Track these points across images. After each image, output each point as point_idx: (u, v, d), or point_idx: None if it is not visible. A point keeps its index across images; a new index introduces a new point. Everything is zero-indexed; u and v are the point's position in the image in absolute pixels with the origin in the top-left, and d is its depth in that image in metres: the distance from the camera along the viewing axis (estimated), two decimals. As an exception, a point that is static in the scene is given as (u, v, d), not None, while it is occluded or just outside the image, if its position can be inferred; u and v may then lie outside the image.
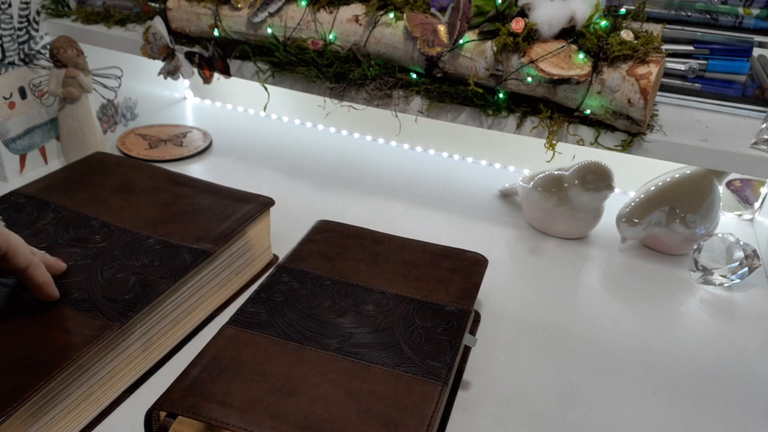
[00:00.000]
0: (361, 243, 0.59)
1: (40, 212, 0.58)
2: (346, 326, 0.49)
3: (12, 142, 0.75)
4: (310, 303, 0.51)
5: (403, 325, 0.49)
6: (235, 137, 0.92)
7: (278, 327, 0.49)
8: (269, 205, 0.63)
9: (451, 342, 0.48)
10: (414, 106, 0.65)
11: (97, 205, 0.60)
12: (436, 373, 0.45)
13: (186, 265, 0.53)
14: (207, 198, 0.62)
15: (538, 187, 0.72)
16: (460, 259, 0.58)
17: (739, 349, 0.59)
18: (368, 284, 0.54)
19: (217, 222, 0.59)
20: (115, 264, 0.53)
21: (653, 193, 0.70)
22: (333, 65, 0.66)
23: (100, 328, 0.46)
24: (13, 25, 0.74)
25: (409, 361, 0.46)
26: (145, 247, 0.55)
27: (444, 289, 0.54)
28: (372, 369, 0.45)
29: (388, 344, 0.48)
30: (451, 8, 0.60)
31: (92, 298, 0.49)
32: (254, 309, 0.51)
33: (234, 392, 0.43)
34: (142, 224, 0.58)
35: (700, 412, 0.52)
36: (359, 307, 0.51)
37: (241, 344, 0.47)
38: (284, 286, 0.53)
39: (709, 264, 0.65)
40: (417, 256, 0.58)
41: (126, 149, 0.85)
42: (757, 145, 0.58)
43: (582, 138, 0.61)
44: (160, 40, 0.73)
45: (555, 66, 0.57)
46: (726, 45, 0.63)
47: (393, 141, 0.94)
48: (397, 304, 0.52)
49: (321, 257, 0.57)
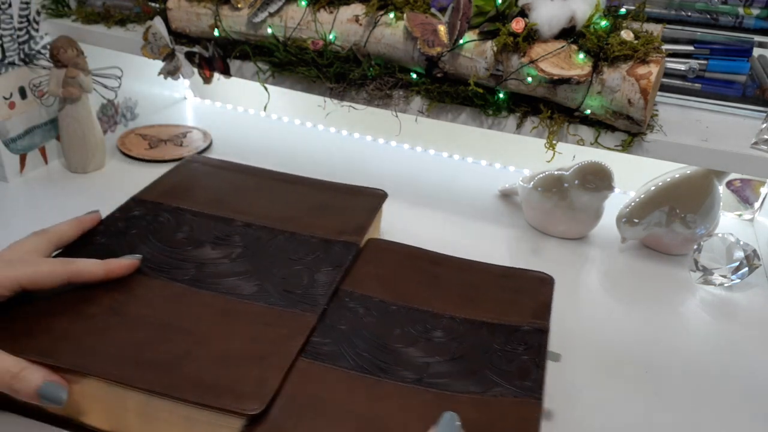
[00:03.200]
0: (418, 265, 0.57)
1: (177, 217, 0.58)
2: (419, 355, 0.46)
3: (12, 142, 0.75)
4: (378, 331, 0.48)
5: (480, 349, 0.47)
6: (235, 137, 0.92)
7: (350, 358, 0.46)
8: (384, 197, 0.64)
9: (536, 360, 0.46)
10: (414, 106, 0.65)
11: (226, 207, 0.60)
12: (528, 392, 0.43)
13: (343, 256, 0.54)
14: (324, 193, 0.64)
15: (538, 187, 0.72)
16: (524, 279, 0.56)
17: (739, 349, 0.59)
18: (435, 309, 0.51)
19: (347, 215, 0.60)
20: (279, 260, 0.53)
21: (653, 193, 0.70)
22: (333, 65, 0.66)
23: (302, 320, 0.47)
24: (13, 25, 0.74)
25: (496, 385, 0.44)
26: (299, 242, 0.56)
27: (514, 310, 0.52)
28: (459, 398, 0.43)
29: (470, 371, 0.45)
30: (451, 8, 0.60)
31: (275, 292, 0.50)
32: (321, 339, 0.47)
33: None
34: (279, 222, 0.58)
35: (700, 412, 0.52)
36: (429, 334, 0.48)
37: (317, 380, 0.44)
38: (349, 312, 0.50)
39: (709, 264, 0.65)
40: (478, 278, 0.56)
41: (126, 149, 0.85)
42: (757, 145, 0.58)
43: (582, 138, 0.61)
44: (160, 40, 0.73)
45: (555, 66, 0.57)
46: (726, 45, 0.63)
47: (393, 141, 0.94)
48: (468, 329, 0.49)
49: (379, 280, 0.54)
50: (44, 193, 0.75)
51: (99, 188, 0.77)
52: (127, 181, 0.79)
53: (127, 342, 0.44)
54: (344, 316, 0.50)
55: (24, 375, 0.41)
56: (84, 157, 0.79)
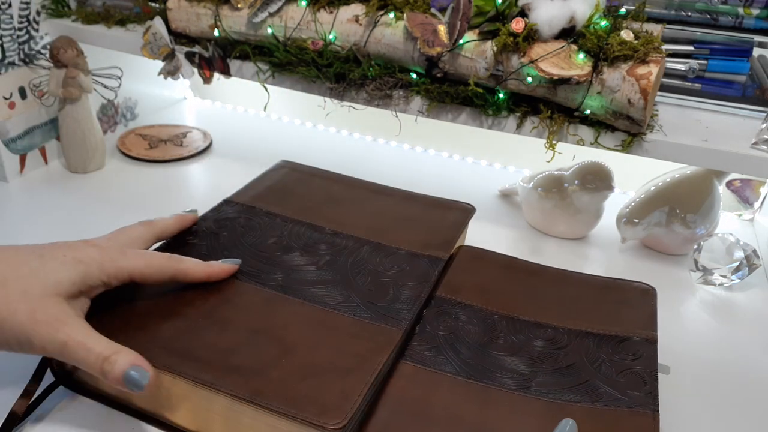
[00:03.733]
0: (515, 275, 0.56)
1: (268, 222, 0.59)
2: (524, 364, 0.46)
3: (12, 142, 0.75)
4: (480, 339, 0.48)
5: (587, 359, 0.47)
6: (235, 137, 0.92)
7: (455, 364, 0.46)
8: (472, 212, 0.63)
9: (648, 371, 0.46)
10: (414, 106, 0.65)
11: (315, 214, 0.60)
12: (643, 404, 0.43)
13: (428, 271, 0.53)
14: (412, 205, 0.63)
15: (538, 188, 0.72)
16: (626, 290, 0.55)
17: (739, 349, 0.59)
18: (536, 319, 0.51)
19: (434, 229, 0.59)
20: (364, 271, 0.53)
21: (653, 193, 0.70)
22: (333, 65, 0.66)
23: (387, 334, 0.46)
24: (13, 25, 0.74)
25: (607, 395, 0.43)
26: (385, 254, 0.55)
27: (619, 320, 0.51)
28: (569, 408, 0.42)
29: (578, 381, 0.45)
30: (451, 8, 0.60)
31: (360, 304, 0.49)
32: (423, 344, 0.47)
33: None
34: (366, 232, 0.58)
35: (700, 412, 0.52)
36: (533, 343, 0.48)
37: (423, 384, 0.44)
38: (449, 319, 0.50)
39: (709, 264, 0.65)
40: (578, 289, 0.55)
41: (126, 149, 0.85)
42: (757, 145, 0.58)
43: (582, 138, 0.61)
44: (160, 40, 0.73)
45: (555, 66, 0.57)
46: (726, 45, 0.63)
47: (393, 141, 0.94)
48: (573, 339, 0.49)
49: (477, 288, 0.54)
50: (44, 193, 0.75)
51: (99, 188, 0.77)
52: (127, 181, 0.79)
53: (217, 345, 0.44)
54: (444, 323, 0.50)
55: (115, 358, 0.40)
56: (84, 157, 0.79)
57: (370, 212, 0.62)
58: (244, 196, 0.63)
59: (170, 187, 0.79)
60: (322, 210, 0.61)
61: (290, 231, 0.58)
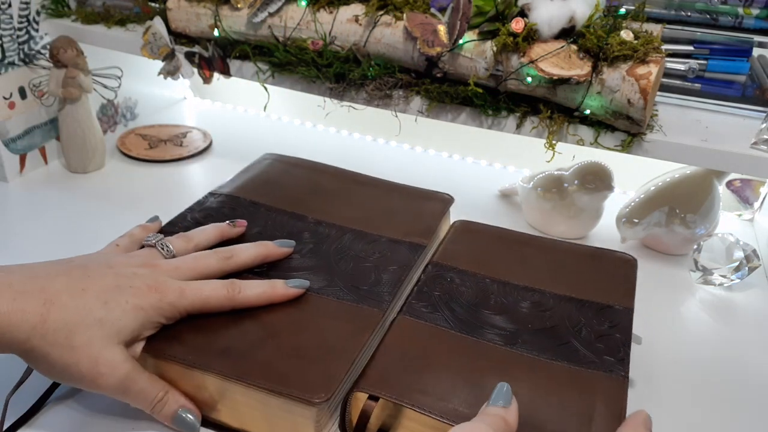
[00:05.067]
0: (506, 244, 0.59)
1: (253, 212, 0.60)
2: (512, 323, 0.49)
3: (12, 142, 0.75)
4: (473, 299, 0.52)
5: (569, 323, 0.50)
6: (235, 137, 0.92)
7: (449, 320, 0.49)
8: (450, 202, 0.65)
9: (623, 339, 0.48)
10: (414, 106, 0.65)
11: (299, 204, 0.62)
12: (615, 369, 0.45)
13: (408, 256, 0.56)
14: (393, 195, 0.65)
15: (538, 188, 0.72)
16: (610, 260, 0.58)
17: (739, 349, 0.59)
18: (525, 283, 0.54)
19: (415, 218, 0.61)
20: (347, 257, 0.55)
21: (653, 193, 0.70)
22: (333, 65, 0.66)
23: (368, 316, 0.49)
24: (13, 25, 0.74)
25: (585, 358, 0.46)
26: (368, 240, 0.57)
27: (601, 288, 0.54)
28: (552, 366, 0.45)
29: (560, 342, 0.48)
30: (451, 8, 0.60)
31: (343, 287, 0.51)
32: (421, 303, 0.51)
33: (428, 382, 0.43)
34: (349, 221, 0.60)
35: (700, 412, 0.52)
36: (520, 305, 0.51)
37: (419, 336, 0.47)
38: (444, 281, 0.53)
39: (709, 264, 0.65)
40: (566, 258, 0.58)
41: (126, 149, 0.85)
42: (757, 145, 0.58)
43: (582, 138, 0.61)
44: (160, 40, 0.73)
45: (555, 66, 0.57)
46: (726, 45, 0.63)
47: (393, 141, 0.94)
48: (557, 303, 0.52)
49: (470, 256, 0.57)
50: (44, 193, 0.75)
51: (99, 188, 0.77)
52: (127, 181, 0.79)
53: (206, 330, 0.46)
54: (440, 285, 0.53)
55: (166, 399, 0.44)
56: (84, 157, 0.79)
57: (353, 202, 0.64)
58: (228, 187, 0.64)
59: (170, 187, 0.79)
60: (306, 200, 0.63)
61: (274, 220, 0.60)
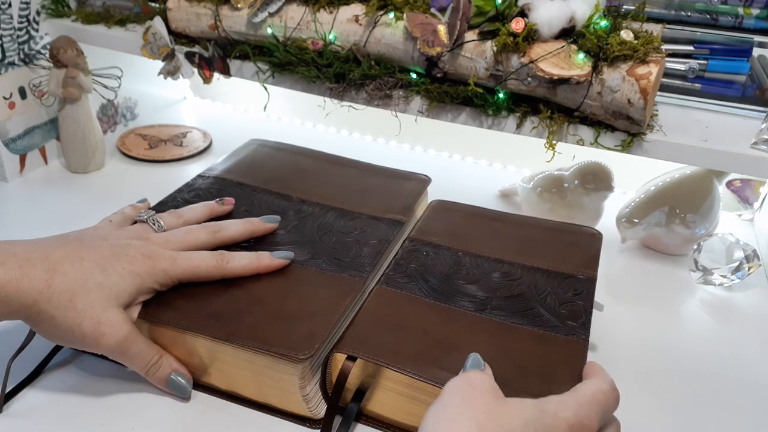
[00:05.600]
0: (480, 221, 0.62)
1: (239, 192, 0.64)
2: (482, 291, 0.53)
3: (12, 142, 0.75)
4: (446, 270, 0.55)
5: (535, 291, 0.53)
6: (235, 137, 0.92)
7: (424, 289, 0.52)
8: (428, 182, 0.69)
9: (585, 306, 0.51)
10: (414, 106, 0.65)
11: (283, 184, 0.65)
12: (576, 333, 0.49)
13: (387, 231, 0.59)
14: (373, 176, 0.69)
15: (538, 187, 0.72)
16: (577, 234, 0.61)
17: (739, 349, 0.59)
18: (495, 256, 0.57)
19: (394, 196, 0.65)
20: (330, 233, 0.58)
21: (653, 193, 0.70)
22: (333, 65, 0.66)
23: (349, 283, 0.52)
24: (13, 25, 0.74)
25: (549, 322, 0.50)
26: (350, 218, 0.61)
27: (567, 260, 0.57)
28: (518, 329, 0.49)
29: (526, 308, 0.51)
30: (451, 8, 0.60)
31: (326, 259, 0.55)
32: (398, 274, 0.54)
33: (402, 344, 0.46)
34: (332, 200, 0.63)
35: (700, 412, 0.52)
36: (490, 275, 0.55)
37: (396, 303, 0.51)
38: (420, 255, 0.57)
39: (709, 264, 0.65)
40: (535, 232, 0.61)
41: (126, 149, 0.85)
42: (757, 145, 0.58)
43: (582, 138, 0.61)
44: (160, 40, 0.73)
45: (555, 66, 0.57)
46: (726, 45, 0.63)
47: (393, 141, 0.94)
48: (525, 273, 0.55)
49: (445, 232, 0.60)
50: (44, 193, 0.75)
51: (99, 188, 0.77)
52: (127, 181, 0.79)
53: (196, 296, 0.50)
54: (416, 258, 0.56)
55: (161, 362, 0.48)
56: (84, 157, 0.79)
57: (335, 182, 0.67)
58: (216, 170, 0.68)
59: (170, 187, 0.78)
60: (290, 180, 0.66)
61: (260, 200, 0.63)
